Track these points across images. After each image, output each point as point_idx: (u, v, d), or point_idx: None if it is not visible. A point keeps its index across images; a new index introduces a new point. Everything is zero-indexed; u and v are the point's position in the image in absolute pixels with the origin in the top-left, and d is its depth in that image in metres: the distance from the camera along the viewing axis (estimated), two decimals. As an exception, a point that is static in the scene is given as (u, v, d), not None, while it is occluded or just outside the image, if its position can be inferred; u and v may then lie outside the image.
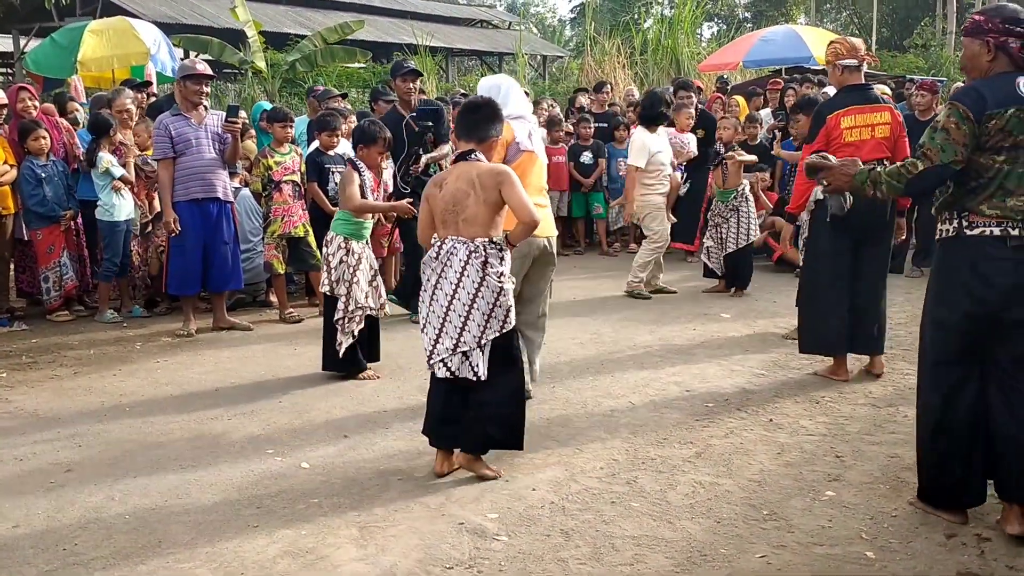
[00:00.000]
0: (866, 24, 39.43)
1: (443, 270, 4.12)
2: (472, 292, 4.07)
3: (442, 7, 33.58)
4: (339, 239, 5.73)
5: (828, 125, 5.50)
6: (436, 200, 4.18)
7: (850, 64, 5.56)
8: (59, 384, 5.88)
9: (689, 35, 19.92)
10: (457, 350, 4.10)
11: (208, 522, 3.83)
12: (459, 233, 4.11)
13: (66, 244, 7.55)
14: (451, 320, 4.10)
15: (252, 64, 16.50)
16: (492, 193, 4.07)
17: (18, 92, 7.63)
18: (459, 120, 4.36)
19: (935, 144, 3.64)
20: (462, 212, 4.09)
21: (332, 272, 5.70)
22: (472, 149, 4.22)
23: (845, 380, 5.73)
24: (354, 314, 5.69)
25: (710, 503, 3.98)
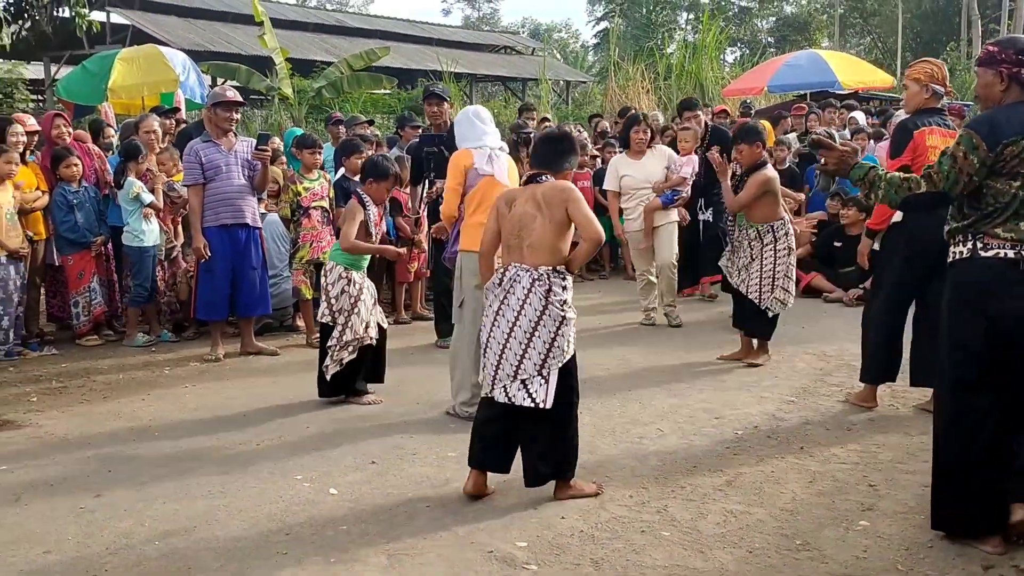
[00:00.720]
0: (890, 48, 39.42)
1: (505, 296, 4.14)
2: (534, 320, 4.08)
3: (466, 34, 33.89)
4: (339, 269, 5.73)
5: (916, 140, 5.32)
6: (504, 220, 4.22)
7: (939, 91, 5.47)
8: (89, 409, 5.92)
9: (713, 60, 19.94)
10: (517, 377, 4.11)
11: (237, 548, 3.83)
12: (523, 260, 4.13)
13: (96, 269, 7.63)
14: (511, 347, 4.12)
15: (279, 90, 16.67)
16: (558, 211, 4.08)
17: (53, 119, 7.75)
18: (537, 150, 4.43)
19: (942, 169, 3.72)
20: (527, 237, 4.12)
21: (333, 302, 5.70)
22: (543, 172, 4.26)
23: (872, 407, 5.67)
24: (348, 344, 5.69)
25: (742, 532, 3.93)
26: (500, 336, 4.15)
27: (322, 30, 25.41)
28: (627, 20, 37.50)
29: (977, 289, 3.70)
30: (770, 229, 6.69)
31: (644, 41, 32.53)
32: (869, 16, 43.73)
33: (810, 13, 47.00)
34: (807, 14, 46.98)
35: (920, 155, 5.32)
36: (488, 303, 4.25)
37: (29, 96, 21.43)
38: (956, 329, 3.79)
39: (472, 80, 26.65)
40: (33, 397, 6.17)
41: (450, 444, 5.07)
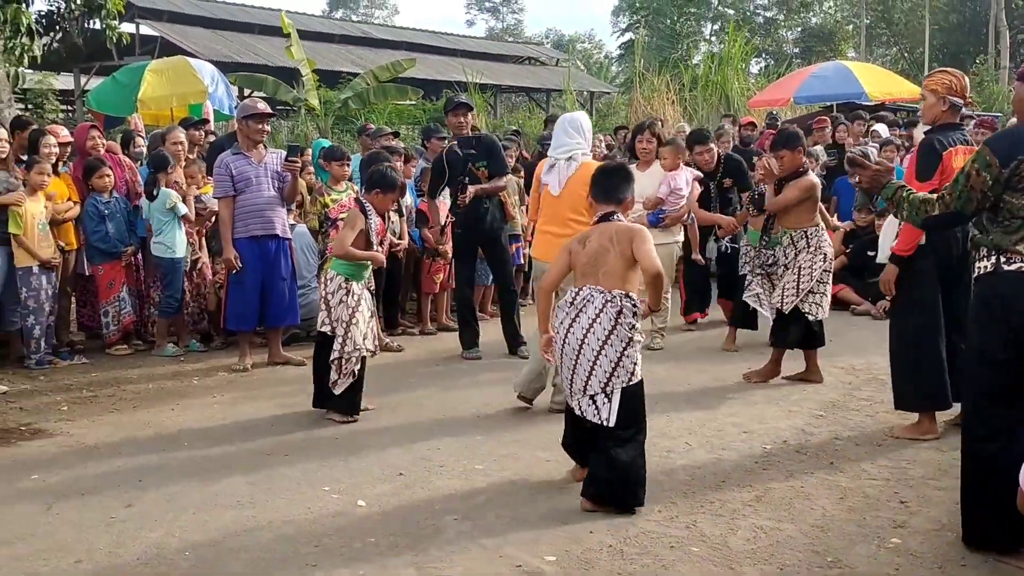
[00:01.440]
0: (917, 59, 39.20)
1: (577, 315, 4.31)
2: (602, 339, 4.24)
3: (490, 45, 34.00)
4: (339, 279, 5.72)
5: (944, 163, 5.15)
6: (578, 255, 4.43)
7: (957, 103, 5.30)
8: (119, 418, 5.96)
9: (738, 71, 19.90)
10: (585, 392, 4.29)
11: (267, 560, 3.84)
12: (598, 283, 4.32)
13: (126, 279, 7.70)
14: (581, 364, 4.29)
15: (305, 102, 16.78)
16: (627, 248, 4.32)
17: (88, 131, 7.85)
18: (597, 184, 4.62)
19: (956, 190, 3.79)
20: (602, 267, 4.33)
21: (332, 311, 5.70)
22: (613, 211, 4.48)
23: (937, 436, 5.29)
24: (351, 355, 5.65)
25: (772, 549, 3.90)
26: (571, 352, 4.32)
27: (348, 41, 25.59)
28: (651, 31, 37.47)
29: (1001, 303, 3.72)
30: (804, 235, 6.58)
31: (669, 52, 32.51)
32: (895, 27, 43.50)
33: (836, 22, 46.82)
34: (833, 24, 46.80)
35: (947, 177, 5.04)
36: (559, 320, 4.41)
37: (59, 107, 21.69)
38: (982, 342, 3.80)
39: (497, 91, 26.73)
40: (64, 406, 6.23)
41: (477, 457, 5.08)
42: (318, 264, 7.83)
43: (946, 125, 5.35)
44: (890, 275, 5.39)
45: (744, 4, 46.21)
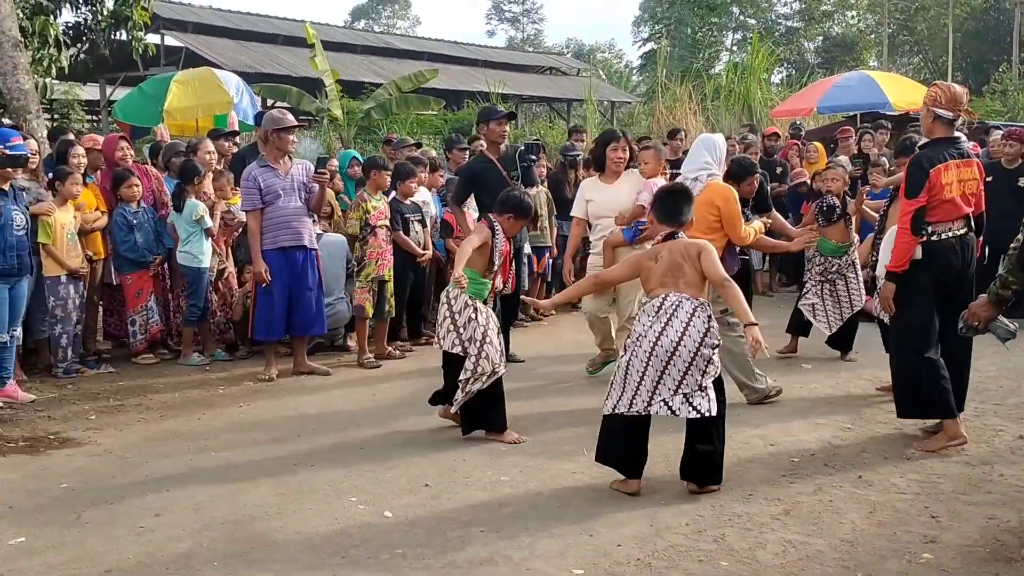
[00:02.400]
0: (940, 68, 38.97)
1: (669, 319, 4.51)
2: (698, 340, 4.47)
3: (511, 55, 34.09)
4: (465, 297, 5.52)
5: (931, 180, 5.26)
6: (652, 270, 4.70)
7: (944, 116, 5.34)
8: (146, 427, 6.00)
9: (761, 81, 19.85)
10: (679, 391, 4.49)
11: (294, 571, 3.85)
12: (680, 291, 4.58)
13: (153, 288, 7.76)
14: (675, 365, 4.48)
15: (329, 112, 16.86)
16: (696, 261, 4.63)
17: (118, 141, 7.93)
18: (661, 205, 4.86)
19: None
20: (682, 277, 4.62)
21: (462, 331, 5.47)
22: (676, 231, 4.75)
23: (964, 443, 5.30)
24: (483, 375, 5.44)
25: (802, 563, 3.87)
26: (663, 355, 4.48)
27: (370, 52, 25.73)
28: (673, 41, 37.43)
29: None
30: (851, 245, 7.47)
31: (690, 62, 32.46)
32: (918, 35, 43.27)
33: (859, 31, 46.62)
34: (855, 34, 46.61)
35: (936, 194, 5.27)
36: (646, 325, 4.58)
37: (84, 117, 21.90)
38: None
39: (518, 101, 26.79)
40: (91, 415, 6.27)
41: (503, 469, 5.07)
42: (354, 270, 7.86)
43: (940, 140, 5.37)
44: (887, 292, 5.46)
45: (766, 14, 46.08)
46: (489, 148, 7.65)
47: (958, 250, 5.36)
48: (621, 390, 4.61)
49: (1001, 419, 5.93)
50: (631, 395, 4.56)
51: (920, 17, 41.85)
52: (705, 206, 5.95)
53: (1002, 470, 4.97)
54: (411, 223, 8.07)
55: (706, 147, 6.34)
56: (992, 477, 4.88)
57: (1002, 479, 4.84)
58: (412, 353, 8.17)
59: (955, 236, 5.36)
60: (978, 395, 6.39)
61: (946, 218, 5.33)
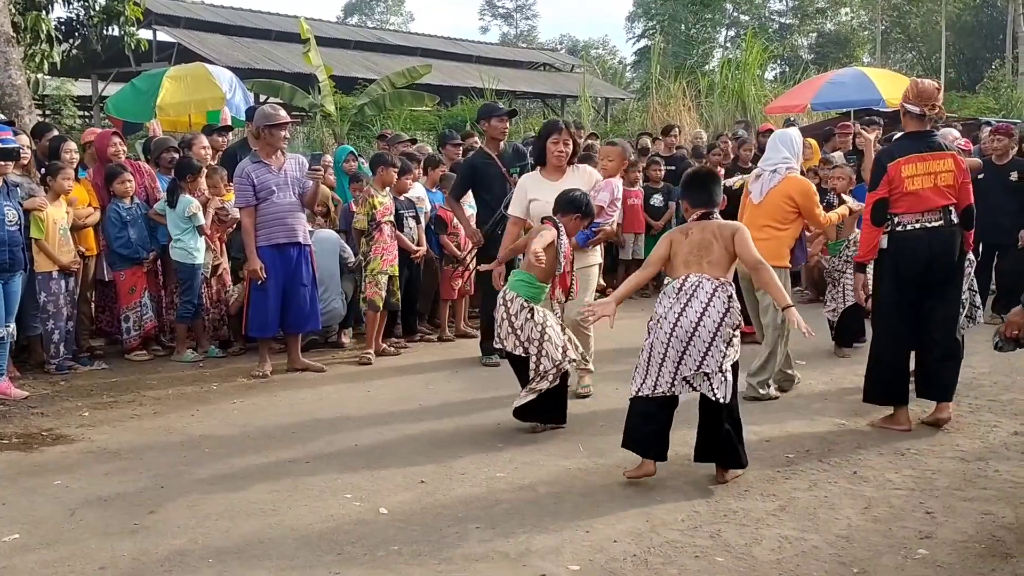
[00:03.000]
0: (933, 65, 39.05)
1: (688, 300, 4.57)
2: (717, 320, 4.53)
3: (505, 51, 34.07)
4: (520, 300, 5.51)
5: (890, 173, 5.51)
6: (680, 244, 4.75)
7: (912, 110, 5.56)
8: (140, 424, 5.98)
9: (755, 78, 19.85)
10: (700, 371, 4.55)
11: (290, 568, 3.83)
12: (703, 271, 4.62)
13: (147, 285, 7.73)
14: (695, 345, 4.54)
15: (322, 108, 16.82)
16: (729, 242, 4.68)
17: (111, 137, 7.89)
18: (693, 189, 4.92)
19: None
20: (707, 256, 4.65)
21: (519, 333, 5.49)
22: (710, 211, 4.81)
23: (908, 430, 5.59)
24: (548, 373, 5.46)
25: (798, 560, 3.87)
26: (683, 335, 4.54)
27: (363, 48, 25.66)
28: (667, 37, 37.42)
29: None
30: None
31: (684, 58, 32.47)
32: (911, 32, 43.33)
33: (852, 29, 46.67)
34: (848, 30, 46.66)
35: (896, 187, 5.51)
36: (666, 307, 4.64)
37: (76, 112, 21.81)
38: None
39: (512, 97, 26.75)
40: (85, 412, 6.24)
41: (498, 465, 5.07)
42: (360, 264, 7.88)
43: (911, 134, 5.63)
44: (857, 283, 6.02)
45: (760, 10, 46.11)
46: (489, 144, 7.62)
47: (926, 241, 5.50)
48: (644, 372, 4.68)
49: (995, 415, 5.94)
50: (655, 377, 4.64)
51: (913, 13, 41.90)
52: (782, 197, 6.31)
53: (997, 466, 4.98)
54: (405, 219, 8.07)
55: (783, 142, 6.51)
56: (987, 473, 4.89)
57: (997, 475, 4.85)
58: (407, 350, 8.16)
59: (923, 228, 5.52)
60: (972, 391, 6.41)
61: (911, 210, 5.52)
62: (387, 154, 8.33)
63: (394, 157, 8.22)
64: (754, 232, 5.90)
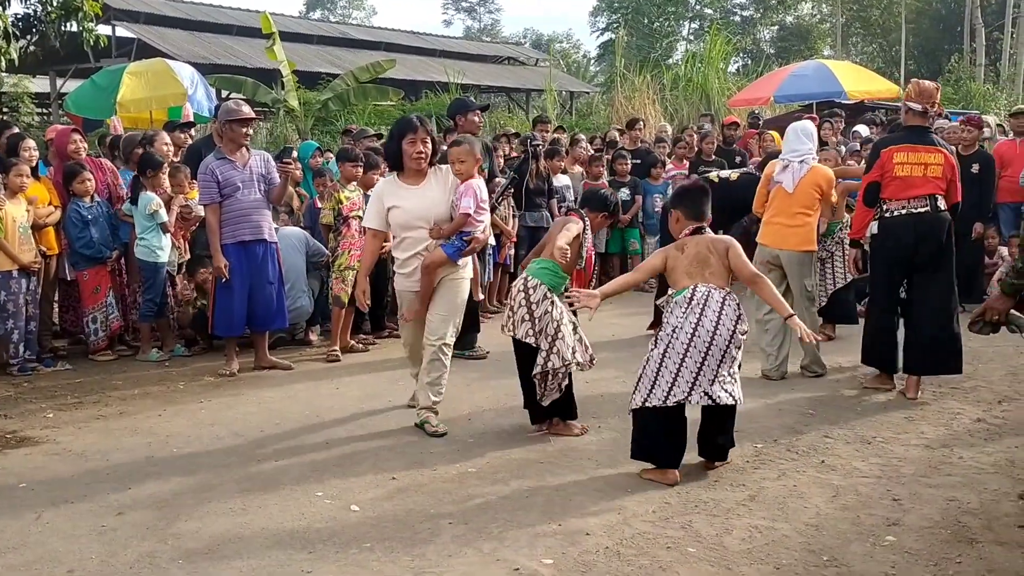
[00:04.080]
0: (894, 57, 39.47)
1: (703, 310, 4.64)
2: (731, 328, 4.64)
3: (470, 44, 33.98)
4: (544, 288, 5.39)
5: (882, 159, 6.09)
6: (678, 259, 4.83)
7: (914, 108, 6.13)
8: (106, 425, 5.90)
9: (718, 71, 19.97)
10: (716, 380, 4.64)
11: (261, 568, 3.81)
12: (707, 282, 4.72)
13: (112, 284, 7.63)
14: (712, 354, 4.61)
15: (285, 103, 16.69)
16: (724, 257, 4.79)
17: (70, 134, 7.77)
18: (684, 203, 4.99)
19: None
20: (707, 267, 4.76)
21: (536, 322, 5.32)
22: (702, 226, 4.90)
23: (890, 389, 6.26)
24: (558, 369, 5.35)
25: (768, 548, 3.91)
26: (702, 345, 4.61)
27: (326, 42, 25.50)
28: (630, 30, 37.51)
29: None
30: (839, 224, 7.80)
31: (648, 51, 32.58)
32: (872, 27, 43.76)
33: (813, 22, 47.04)
34: (809, 23, 47.03)
35: (887, 171, 6.08)
36: (681, 317, 4.68)
37: (35, 110, 21.49)
38: None
39: (477, 91, 26.70)
40: (49, 413, 6.15)
41: (470, 460, 5.06)
42: (326, 261, 7.84)
43: (910, 127, 6.19)
44: (851, 257, 6.74)
45: (722, 3, 46.36)
46: None
47: (912, 225, 6.04)
48: (652, 383, 4.67)
49: (959, 402, 6.04)
50: (667, 386, 4.64)
51: (874, 6, 42.31)
52: (811, 185, 6.69)
53: (961, 452, 5.06)
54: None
55: (805, 134, 6.82)
56: (952, 460, 4.97)
57: (961, 461, 4.93)
58: (375, 346, 8.12)
59: (909, 213, 6.07)
60: (936, 379, 6.49)
61: (898, 195, 6.09)
62: (352, 149, 8.28)
63: (360, 152, 8.17)
64: (788, 219, 6.67)
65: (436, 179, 5.71)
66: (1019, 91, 28.10)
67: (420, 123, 5.69)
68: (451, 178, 5.70)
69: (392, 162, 5.81)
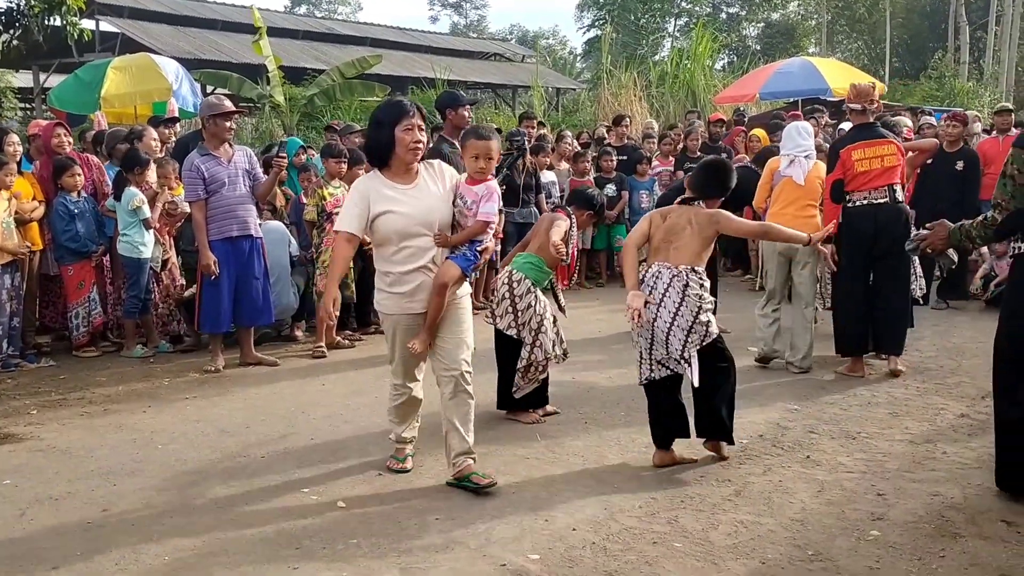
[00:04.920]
0: (879, 54, 39.62)
1: (651, 291, 4.73)
2: (673, 310, 4.67)
3: (456, 41, 33.91)
4: (528, 282, 5.53)
5: (842, 158, 6.52)
6: (658, 227, 4.86)
7: (854, 108, 6.64)
8: (90, 421, 5.87)
9: (704, 68, 20.00)
10: (670, 356, 4.73)
11: (248, 563, 3.80)
12: (667, 260, 4.77)
13: (96, 280, 7.59)
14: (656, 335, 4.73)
15: (271, 98, 16.62)
16: (708, 230, 4.78)
17: (54, 128, 7.72)
18: (698, 175, 5.13)
19: (1006, 193, 4.22)
20: (675, 242, 4.77)
21: (519, 314, 5.50)
22: (697, 198, 4.95)
23: (862, 376, 6.57)
24: (538, 364, 5.52)
25: (753, 543, 3.93)
26: (648, 325, 4.71)
27: (312, 38, 25.37)
28: (617, 27, 37.51)
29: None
30: None
31: (634, 48, 32.59)
32: (856, 23, 43.91)
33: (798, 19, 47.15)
34: (794, 20, 47.15)
35: (848, 169, 6.51)
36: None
37: (18, 104, 21.29)
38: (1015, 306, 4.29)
39: (463, 87, 26.64)
40: (33, 410, 6.12)
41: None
42: (313, 256, 7.80)
43: (860, 126, 6.63)
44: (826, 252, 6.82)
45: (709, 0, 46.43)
46: (452, 133, 7.53)
47: (872, 215, 6.47)
48: (639, 362, 4.88)
49: (943, 398, 6.08)
50: (638, 366, 4.87)
51: (859, 3, 42.45)
52: (817, 179, 6.92)
53: (945, 448, 5.10)
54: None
55: (805, 132, 7.13)
56: (935, 455, 5.00)
57: (945, 456, 4.96)
58: (361, 342, 8.10)
59: (870, 204, 6.49)
60: (920, 374, 6.54)
61: (860, 188, 6.51)
62: (336, 145, 8.25)
63: (344, 148, 8.15)
64: (798, 210, 6.89)
65: (430, 177, 4.57)
66: (1002, 88, 28.28)
67: (415, 108, 4.55)
68: (449, 175, 4.65)
69: (378, 155, 4.54)
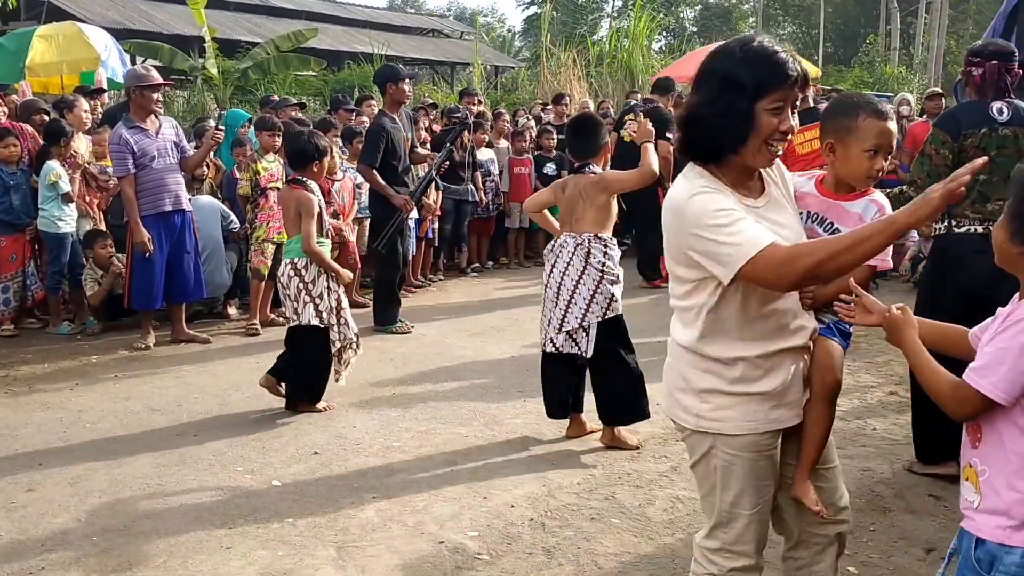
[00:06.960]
0: (812, 39, 40.16)
1: (555, 260, 4.73)
2: (575, 279, 4.65)
3: (394, 16, 33.55)
4: (314, 269, 5.31)
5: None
6: (560, 200, 4.85)
7: None
8: (14, 400, 5.69)
9: (643, 48, 20.06)
10: (562, 329, 4.66)
11: (179, 544, 3.72)
12: (572, 230, 4.73)
13: (31, 255, 7.35)
14: (559, 303, 4.67)
15: (204, 71, 16.25)
16: (599, 198, 4.71)
17: (-18, 98, 7.43)
18: (568, 138, 5.08)
19: (923, 171, 4.28)
20: (575, 213, 4.74)
21: (318, 302, 5.27)
22: (587, 163, 4.84)
23: None
24: (350, 343, 5.40)
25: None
26: (551, 295, 4.73)
27: (245, 9, 24.86)
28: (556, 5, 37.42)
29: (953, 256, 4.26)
30: None
31: (573, 27, 32.56)
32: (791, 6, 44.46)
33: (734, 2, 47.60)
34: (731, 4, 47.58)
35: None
36: (545, 268, 4.81)
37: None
38: (932, 291, 4.38)
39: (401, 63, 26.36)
40: (-47, 388, 5.93)
41: (394, 434, 5.02)
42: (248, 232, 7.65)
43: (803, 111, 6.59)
44: None
45: (647, -19, 46.53)
46: (391, 108, 7.40)
47: None
48: (543, 330, 4.86)
49: (872, 376, 6.20)
50: (543, 334, 4.83)
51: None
52: None
53: (874, 424, 5.20)
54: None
55: None
56: (865, 431, 5.10)
57: (875, 433, 5.07)
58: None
59: None
60: (851, 354, 6.56)
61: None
62: (270, 118, 8.06)
63: (278, 121, 7.98)
64: None
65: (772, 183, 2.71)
66: (931, 75, 28.88)
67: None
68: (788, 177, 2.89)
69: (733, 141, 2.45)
